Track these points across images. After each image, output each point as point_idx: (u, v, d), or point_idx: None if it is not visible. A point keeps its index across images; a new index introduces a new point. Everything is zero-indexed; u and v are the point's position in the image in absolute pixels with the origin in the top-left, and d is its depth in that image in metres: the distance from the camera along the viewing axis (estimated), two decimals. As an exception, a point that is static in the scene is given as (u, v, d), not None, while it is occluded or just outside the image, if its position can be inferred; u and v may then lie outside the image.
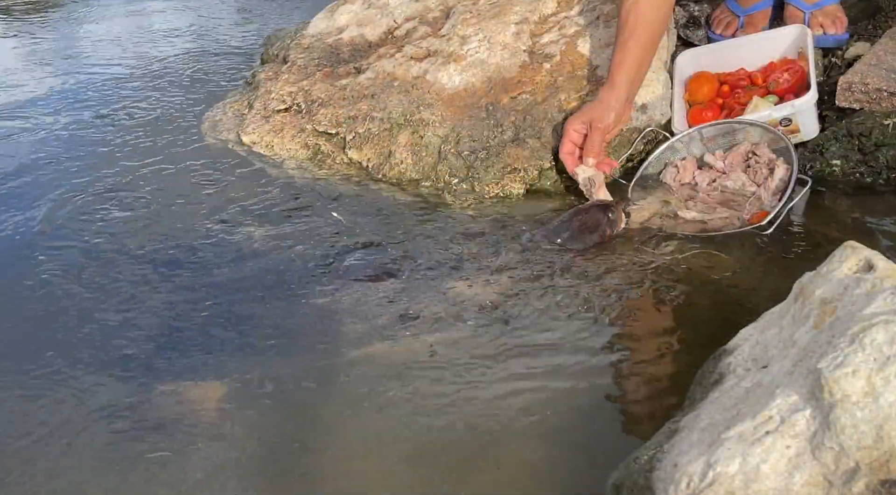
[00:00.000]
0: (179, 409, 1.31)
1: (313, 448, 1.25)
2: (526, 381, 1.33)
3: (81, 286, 1.59)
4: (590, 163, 1.78)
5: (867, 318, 0.91)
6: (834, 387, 0.88)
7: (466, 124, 1.93)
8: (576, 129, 1.80)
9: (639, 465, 1.04)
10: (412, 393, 1.32)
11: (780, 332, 1.06)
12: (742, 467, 0.91)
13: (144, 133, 2.14)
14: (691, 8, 2.20)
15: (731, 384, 1.07)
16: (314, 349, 1.43)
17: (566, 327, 1.44)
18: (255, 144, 2.04)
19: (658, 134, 1.88)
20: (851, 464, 0.87)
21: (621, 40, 1.79)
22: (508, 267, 1.60)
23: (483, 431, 1.24)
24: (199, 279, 1.60)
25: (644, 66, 1.82)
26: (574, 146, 1.80)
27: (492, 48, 2.03)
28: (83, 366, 1.40)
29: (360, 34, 2.27)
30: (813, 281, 1.05)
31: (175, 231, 1.74)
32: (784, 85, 1.87)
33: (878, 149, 1.70)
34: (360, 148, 1.95)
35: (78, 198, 1.88)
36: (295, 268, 1.62)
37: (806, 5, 2.05)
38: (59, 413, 1.31)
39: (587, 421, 1.26)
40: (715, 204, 1.69)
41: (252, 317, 1.50)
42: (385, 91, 2.02)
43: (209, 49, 2.69)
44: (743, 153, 1.73)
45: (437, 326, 1.45)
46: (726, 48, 2.05)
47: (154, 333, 1.47)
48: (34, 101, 2.37)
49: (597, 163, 1.78)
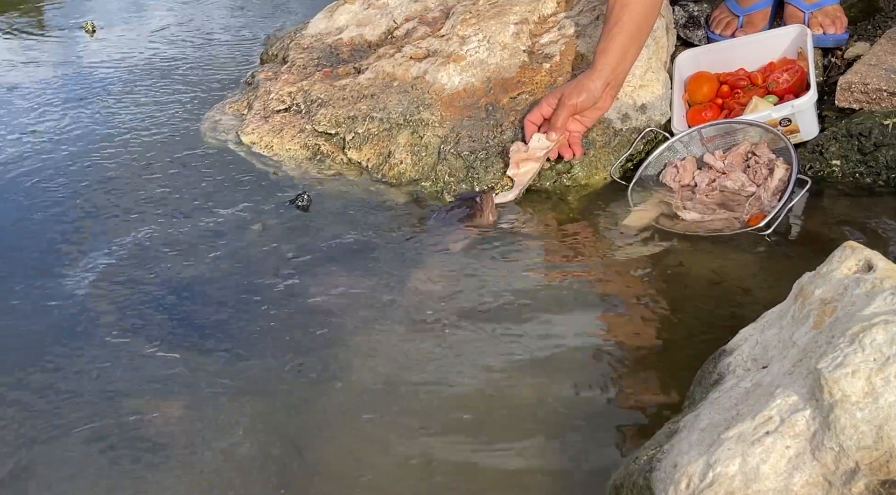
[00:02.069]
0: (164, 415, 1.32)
1: (311, 449, 1.25)
2: (525, 381, 1.33)
3: (78, 285, 1.59)
4: (552, 137, 1.78)
5: (867, 318, 0.91)
6: (834, 388, 0.88)
7: (466, 124, 1.92)
8: (549, 103, 1.81)
9: (639, 465, 1.04)
10: (409, 393, 1.32)
11: (780, 333, 1.06)
12: (742, 467, 0.91)
13: (144, 133, 2.14)
14: (691, 8, 2.20)
15: (730, 384, 1.06)
16: (315, 347, 1.43)
17: (565, 327, 1.44)
18: (254, 144, 2.04)
19: (658, 134, 1.88)
20: (851, 465, 0.87)
21: (606, 28, 1.80)
22: (508, 267, 1.60)
23: (482, 431, 1.24)
24: (198, 278, 1.60)
25: (629, 55, 1.81)
26: (541, 117, 1.81)
27: (491, 48, 2.03)
28: (70, 362, 1.40)
29: (360, 34, 2.27)
30: (813, 281, 1.05)
31: (174, 231, 1.74)
32: (784, 85, 1.87)
33: (877, 149, 1.70)
34: (359, 148, 1.95)
35: (77, 197, 1.87)
36: (295, 267, 1.62)
37: (806, 5, 2.05)
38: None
39: (587, 421, 1.25)
40: (714, 204, 1.69)
41: (247, 315, 1.50)
42: (385, 91, 2.02)
43: (209, 49, 2.69)
44: (742, 153, 1.73)
45: (436, 326, 1.45)
46: (726, 48, 2.05)
47: (152, 332, 1.47)
48: (31, 100, 2.37)
49: (561, 138, 1.78)
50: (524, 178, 1.78)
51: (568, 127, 1.80)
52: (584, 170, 1.84)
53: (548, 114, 1.80)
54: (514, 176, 1.79)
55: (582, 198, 1.81)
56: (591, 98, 1.78)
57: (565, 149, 1.81)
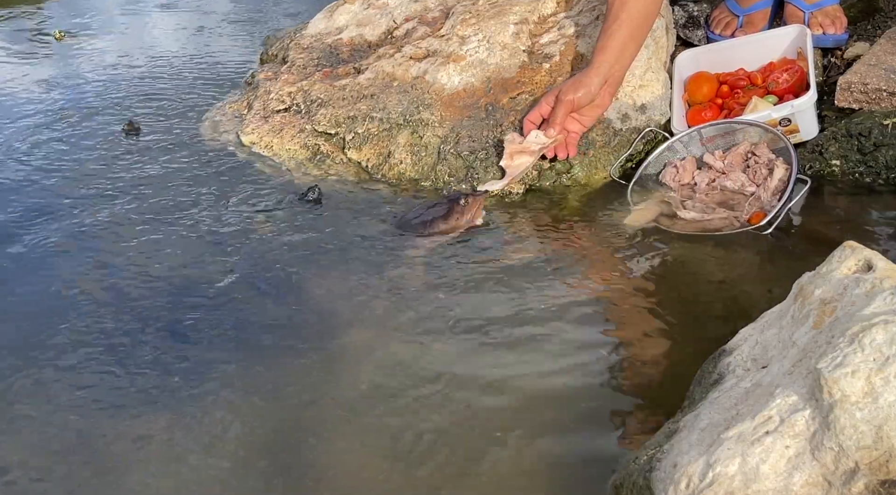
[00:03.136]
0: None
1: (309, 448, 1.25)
2: (525, 381, 1.33)
3: (76, 284, 1.59)
4: (550, 134, 1.78)
5: (867, 318, 0.91)
6: (833, 388, 0.88)
7: (466, 124, 1.93)
8: (547, 102, 1.81)
9: (638, 465, 1.04)
10: (407, 392, 1.32)
11: (780, 332, 1.06)
12: (742, 467, 0.91)
13: (143, 133, 2.14)
14: (691, 8, 2.20)
15: (730, 384, 1.07)
16: (314, 346, 1.43)
17: (565, 327, 1.44)
18: (254, 145, 2.04)
19: (657, 134, 1.88)
20: (851, 465, 0.87)
21: (605, 26, 1.80)
22: (507, 266, 1.60)
23: (482, 431, 1.24)
24: (196, 277, 1.60)
25: (628, 53, 1.82)
26: (540, 117, 1.82)
27: (491, 48, 2.03)
28: (67, 361, 1.40)
29: (360, 34, 2.27)
30: (812, 281, 1.05)
31: (173, 231, 1.74)
32: (783, 85, 1.87)
33: (877, 149, 1.70)
34: (359, 148, 1.95)
35: (75, 197, 1.87)
36: (292, 267, 1.62)
37: (806, 5, 2.05)
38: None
39: (587, 421, 1.26)
40: (714, 204, 1.69)
41: (244, 314, 1.50)
42: (384, 91, 2.02)
43: (208, 49, 2.69)
44: (742, 153, 1.73)
45: (431, 326, 1.45)
46: (726, 48, 2.05)
47: (150, 331, 1.47)
48: (30, 100, 2.37)
49: (559, 136, 1.79)
50: (516, 171, 1.78)
51: (567, 127, 1.80)
52: (583, 170, 1.84)
53: (546, 113, 1.81)
54: (506, 167, 1.79)
55: (582, 198, 1.81)
56: (589, 94, 1.78)
57: (561, 149, 1.81)
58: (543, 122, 1.81)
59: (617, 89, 1.86)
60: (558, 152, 1.81)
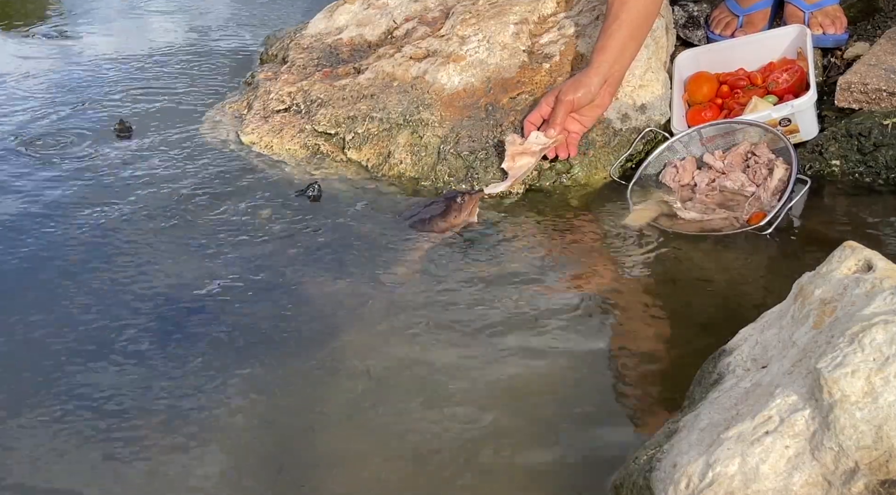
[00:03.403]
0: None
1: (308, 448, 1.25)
2: (525, 381, 1.33)
3: (71, 285, 1.59)
4: (550, 134, 1.78)
5: (867, 318, 0.91)
6: (833, 387, 0.88)
7: (466, 124, 1.92)
8: (547, 102, 1.81)
9: (638, 465, 1.04)
10: (406, 392, 1.32)
11: (780, 332, 1.06)
12: (741, 467, 0.91)
13: (143, 133, 2.14)
14: (690, 8, 2.20)
15: (730, 384, 1.07)
16: (313, 346, 1.43)
17: (565, 327, 1.44)
18: (254, 144, 2.04)
19: (657, 134, 1.88)
20: (851, 464, 0.87)
21: (605, 25, 1.81)
22: (507, 266, 1.60)
23: (482, 431, 1.24)
24: (196, 277, 1.60)
25: (627, 53, 1.82)
26: (540, 118, 1.82)
27: (491, 48, 2.03)
28: (66, 360, 1.40)
29: (360, 34, 2.27)
30: (812, 281, 1.05)
31: (172, 231, 1.74)
32: (783, 85, 1.87)
33: (877, 149, 1.70)
34: (359, 148, 1.95)
35: (75, 196, 1.87)
36: (293, 267, 1.62)
37: (806, 5, 2.05)
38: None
39: (587, 421, 1.26)
40: (714, 204, 1.69)
41: (243, 314, 1.50)
42: (384, 91, 2.02)
43: (208, 49, 2.69)
44: (742, 153, 1.73)
45: (435, 325, 1.45)
46: (725, 48, 2.05)
47: (147, 332, 1.47)
48: (30, 100, 2.37)
49: (560, 136, 1.79)
50: (518, 172, 1.78)
51: (567, 127, 1.80)
52: (583, 170, 1.84)
53: (547, 114, 1.81)
54: (508, 169, 1.79)
55: (582, 198, 1.81)
56: (589, 94, 1.78)
57: (561, 149, 1.81)
58: (544, 123, 1.81)
59: (617, 89, 1.86)
60: (559, 152, 1.81)
